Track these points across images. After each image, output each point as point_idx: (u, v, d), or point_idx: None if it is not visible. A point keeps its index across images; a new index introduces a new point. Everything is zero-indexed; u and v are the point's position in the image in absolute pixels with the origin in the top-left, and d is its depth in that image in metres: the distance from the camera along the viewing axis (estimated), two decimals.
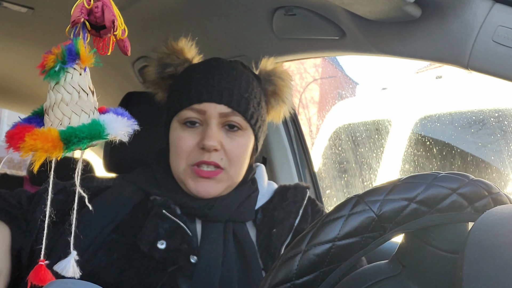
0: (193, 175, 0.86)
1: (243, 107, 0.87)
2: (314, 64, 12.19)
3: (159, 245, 0.80)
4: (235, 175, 0.88)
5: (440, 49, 0.82)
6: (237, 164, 0.87)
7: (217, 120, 0.86)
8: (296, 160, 1.50)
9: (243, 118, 0.87)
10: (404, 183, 0.48)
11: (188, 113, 0.86)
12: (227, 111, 0.86)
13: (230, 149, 0.86)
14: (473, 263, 0.38)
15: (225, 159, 0.86)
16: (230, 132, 0.87)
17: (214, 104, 0.85)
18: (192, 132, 0.86)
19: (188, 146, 0.86)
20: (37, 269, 0.55)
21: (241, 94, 0.87)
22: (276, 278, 0.47)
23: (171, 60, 0.94)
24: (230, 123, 0.87)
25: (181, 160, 0.86)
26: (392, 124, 2.38)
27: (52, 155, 0.50)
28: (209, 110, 0.85)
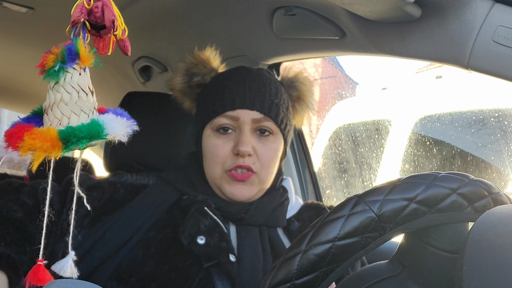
0: (228, 179, 0.89)
1: (274, 112, 0.90)
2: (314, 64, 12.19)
3: (199, 240, 0.82)
4: (266, 179, 0.91)
5: (440, 49, 0.82)
6: (268, 168, 0.91)
7: (250, 126, 0.89)
8: (296, 160, 1.50)
9: (274, 123, 0.91)
10: (404, 183, 0.48)
11: (221, 120, 0.89)
12: (259, 116, 0.89)
13: (262, 153, 0.89)
14: (473, 263, 0.38)
15: (257, 163, 0.89)
16: (262, 137, 0.90)
17: (247, 110, 0.89)
18: (226, 139, 0.90)
19: (223, 153, 0.89)
20: (35, 269, 0.55)
21: (272, 100, 0.91)
22: (276, 278, 0.47)
23: (198, 69, 0.98)
24: (262, 128, 0.90)
25: (217, 166, 0.90)
26: (392, 124, 2.38)
27: (51, 154, 0.50)
28: (242, 117, 0.89)
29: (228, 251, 0.83)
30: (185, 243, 0.82)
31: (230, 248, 0.84)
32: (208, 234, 0.83)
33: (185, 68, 0.98)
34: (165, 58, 1.58)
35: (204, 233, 0.83)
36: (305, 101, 1.01)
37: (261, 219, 0.91)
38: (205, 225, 0.84)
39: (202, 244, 0.82)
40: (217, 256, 0.82)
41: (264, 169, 0.90)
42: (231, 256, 0.83)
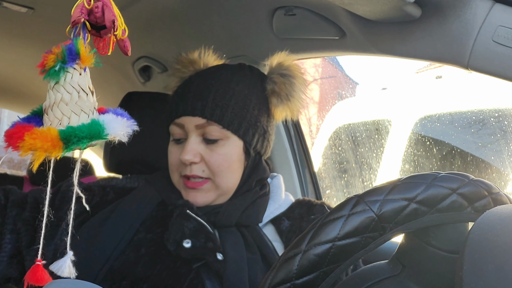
0: (184, 186, 0.90)
1: (217, 116, 0.86)
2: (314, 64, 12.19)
3: (185, 244, 0.82)
4: (223, 184, 0.89)
5: (440, 49, 0.82)
6: (221, 174, 0.88)
7: (196, 133, 0.87)
8: (296, 160, 1.50)
9: (220, 127, 0.87)
10: (404, 183, 0.48)
11: (172, 129, 0.91)
12: (202, 122, 0.87)
13: (209, 160, 0.87)
14: (473, 263, 0.38)
15: (207, 170, 0.88)
16: (210, 143, 0.88)
17: (189, 117, 0.87)
18: (179, 147, 0.90)
19: (176, 160, 0.90)
20: (34, 269, 0.55)
21: (216, 103, 0.87)
22: (276, 278, 0.47)
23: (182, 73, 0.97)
24: (206, 135, 0.87)
25: (173, 173, 0.91)
26: (392, 124, 2.38)
27: (52, 154, 0.50)
28: (186, 124, 0.88)
29: (215, 250, 0.82)
30: (171, 249, 0.82)
31: (217, 247, 0.83)
32: (194, 237, 0.82)
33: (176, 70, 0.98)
34: (165, 58, 1.58)
35: (189, 236, 0.82)
36: (281, 94, 0.92)
37: (232, 220, 0.89)
38: (189, 228, 0.83)
39: (189, 247, 0.81)
40: (204, 256, 0.81)
41: (217, 175, 0.88)
42: (219, 255, 0.83)
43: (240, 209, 0.91)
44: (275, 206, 0.97)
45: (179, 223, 0.84)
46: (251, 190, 0.94)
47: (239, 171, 0.91)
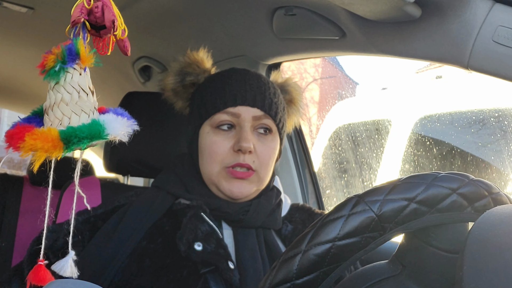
0: (227, 176, 0.88)
1: (273, 110, 0.91)
2: (314, 64, 12.17)
3: (196, 247, 0.82)
4: (264, 178, 0.91)
5: (440, 49, 0.82)
6: (267, 167, 0.91)
7: (250, 123, 0.89)
8: (296, 160, 1.50)
9: (273, 122, 0.91)
10: (404, 183, 0.48)
11: (222, 117, 0.89)
12: (260, 114, 0.89)
13: (261, 151, 0.89)
14: (473, 263, 0.38)
15: (257, 162, 0.89)
16: (261, 136, 0.91)
17: (248, 107, 0.89)
18: (226, 136, 0.89)
19: (223, 150, 0.88)
20: (36, 269, 0.55)
21: (271, 99, 0.91)
22: (276, 278, 0.47)
23: (191, 69, 0.98)
24: (261, 126, 0.90)
25: (215, 163, 0.89)
26: (392, 124, 2.38)
27: (52, 155, 0.50)
28: (243, 113, 0.89)
29: (227, 258, 0.82)
30: (182, 249, 0.81)
31: (228, 255, 0.83)
32: (205, 241, 0.82)
33: (178, 68, 0.98)
34: (165, 58, 1.58)
35: (201, 239, 0.82)
36: (296, 105, 1.02)
37: (260, 221, 0.90)
38: (202, 231, 0.83)
39: (200, 250, 0.81)
40: (216, 262, 0.81)
41: (263, 167, 0.90)
42: (230, 263, 0.82)
43: (267, 209, 0.92)
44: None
45: (193, 224, 0.84)
46: (272, 190, 0.96)
47: (272, 169, 0.94)
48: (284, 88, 1.01)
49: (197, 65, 0.98)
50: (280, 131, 0.93)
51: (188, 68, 0.98)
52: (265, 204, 0.92)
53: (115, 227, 0.87)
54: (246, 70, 0.95)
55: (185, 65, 0.98)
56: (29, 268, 0.81)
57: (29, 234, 1.71)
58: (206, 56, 1.00)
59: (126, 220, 0.87)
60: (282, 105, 0.94)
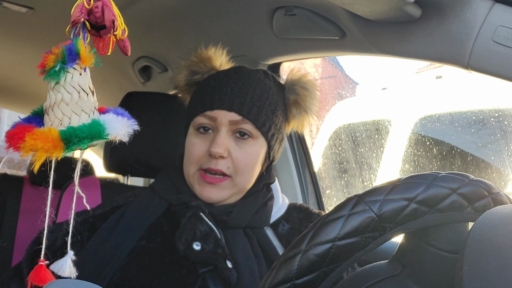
0: (199, 180, 0.88)
1: (253, 115, 0.88)
2: (314, 64, 12.17)
3: (195, 246, 0.82)
4: (241, 183, 0.89)
5: (440, 49, 0.81)
6: (244, 173, 0.89)
7: (227, 128, 0.88)
8: (296, 160, 1.50)
9: (254, 126, 0.88)
10: (404, 183, 0.48)
11: (201, 120, 0.89)
12: (237, 118, 0.87)
13: (237, 157, 0.88)
14: (473, 263, 0.38)
15: (231, 167, 0.87)
16: (240, 140, 0.89)
17: (224, 111, 0.87)
18: (204, 139, 0.89)
19: (198, 152, 0.88)
20: (37, 270, 0.55)
21: (253, 102, 0.89)
22: (276, 278, 0.47)
23: (198, 67, 0.97)
24: (240, 130, 0.88)
25: (191, 165, 0.89)
26: (392, 124, 2.38)
27: (53, 155, 0.50)
28: (220, 117, 0.87)
29: (224, 257, 0.82)
30: (181, 249, 0.81)
31: (226, 254, 0.83)
32: (204, 241, 0.82)
33: (187, 65, 0.98)
34: (165, 58, 1.58)
35: (199, 239, 0.82)
36: (302, 106, 0.97)
37: (244, 221, 0.90)
38: (200, 231, 0.83)
39: (198, 250, 0.81)
40: (215, 262, 0.81)
41: (239, 173, 0.88)
42: (228, 262, 0.82)
43: (252, 210, 0.91)
44: (276, 209, 0.97)
45: (192, 223, 0.84)
46: (260, 191, 0.94)
47: (257, 173, 0.92)
48: (293, 87, 0.97)
49: (205, 63, 0.97)
50: (265, 135, 0.90)
51: (195, 67, 0.97)
52: (249, 205, 0.91)
53: (113, 227, 0.87)
54: (238, 71, 0.94)
55: (192, 64, 0.98)
56: (28, 269, 0.81)
57: (29, 234, 1.71)
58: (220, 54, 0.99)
59: (124, 220, 0.87)
60: (270, 108, 0.91)
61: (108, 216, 0.90)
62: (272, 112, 0.91)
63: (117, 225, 0.87)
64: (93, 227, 0.88)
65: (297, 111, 0.98)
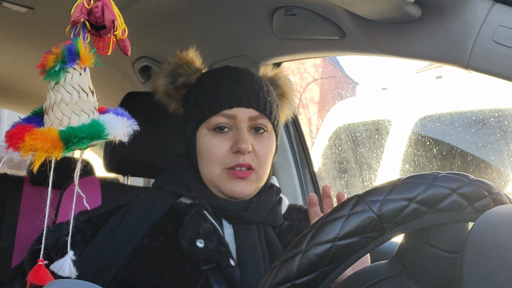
0: (228, 177, 0.89)
1: (268, 110, 0.92)
2: (314, 64, 12.18)
3: (198, 244, 0.83)
4: (263, 176, 0.92)
5: (440, 49, 0.82)
6: (265, 165, 0.92)
7: (247, 124, 0.90)
8: (296, 160, 1.50)
9: (269, 121, 0.92)
10: (404, 183, 0.48)
11: (218, 119, 0.90)
12: (255, 114, 0.90)
13: (259, 150, 0.90)
14: (473, 263, 0.38)
15: (255, 160, 0.90)
16: (258, 135, 0.91)
17: (243, 108, 0.89)
18: (224, 138, 0.90)
19: (221, 152, 0.89)
20: (36, 269, 0.55)
21: (265, 98, 0.92)
22: (276, 278, 0.47)
23: (183, 70, 0.97)
24: (257, 125, 0.91)
25: (215, 165, 0.89)
26: (392, 124, 2.38)
27: (52, 155, 0.50)
28: (239, 115, 0.89)
29: (228, 255, 0.83)
30: (184, 246, 0.82)
31: (229, 252, 0.84)
32: (207, 238, 0.83)
33: (169, 69, 0.98)
34: (165, 58, 1.58)
35: (202, 236, 0.83)
36: (287, 99, 1.03)
37: (260, 217, 0.91)
38: (204, 229, 0.84)
39: (201, 247, 0.82)
40: (218, 259, 0.82)
41: (261, 166, 0.91)
42: (231, 261, 0.83)
43: (268, 206, 0.93)
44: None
45: (196, 221, 0.85)
46: (272, 188, 0.97)
47: (270, 166, 0.95)
48: (275, 82, 1.02)
49: (188, 65, 0.98)
50: (275, 129, 0.95)
51: (179, 69, 0.97)
52: (265, 201, 0.93)
53: (117, 226, 0.87)
54: (238, 69, 0.95)
55: (176, 66, 0.97)
56: (31, 268, 0.81)
57: (29, 234, 1.71)
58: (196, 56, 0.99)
59: (127, 219, 0.88)
60: (275, 102, 0.95)
61: (111, 216, 0.90)
62: (276, 106, 0.96)
63: (120, 224, 0.88)
64: (97, 226, 0.89)
65: (283, 104, 1.03)
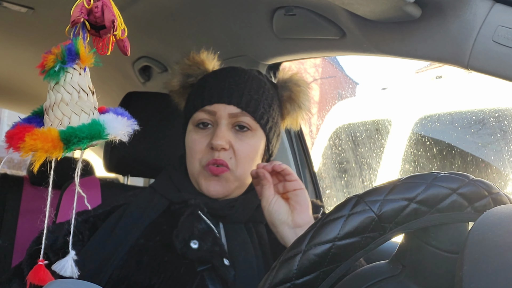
0: (206, 174, 0.89)
1: (252, 107, 0.90)
2: (314, 64, 12.17)
3: (192, 245, 0.82)
4: (242, 176, 0.91)
5: (440, 49, 0.82)
6: (245, 164, 0.90)
7: (227, 121, 0.89)
8: (296, 160, 1.50)
9: (252, 118, 0.91)
10: (404, 183, 0.48)
11: (200, 115, 0.91)
12: (236, 111, 0.89)
13: (238, 149, 0.89)
14: (473, 263, 0.38)
15: (233, 159, 0.89)
16: (240, 133, 0.91)
17: (224, 105, 0.89)
18: (204, 134, 0.90)
19: (200, 147, 0.90)
20: (36, 269, 0.55)
21: (251, 96, 0.91)
22: (276, 278, 0.47)
23: (192, 70, 0.99)
24: (239, 123, 0.90)
25: (195, 161, 0.90)
26: (392, 124, 2.38)
27: (52, 155, 0.50)
28: (219, 111, 0.89)
29: (222, 255, 0.83)
30: (178, 247, 0.82)
31: (223, 252, 0.84)
32: (201, 239, 0.83)
33: (180, 69, 1.00)
34: (165, 58, 1.58)
35: (197, 237, 0.83)
36: (296, 102, 1.01)
37: (246, 216, 0.91)
38: (198, 229, 0.84)
39: (195, 248, 0.82)
40: (211, 260, 0.82)
41: (240, 165, 0.90)
42: (225, 260, 0.83)
43: (254, 204, 0.92)
44: None
45: (190, 222, 0.85)
46: None
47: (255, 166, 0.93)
48: (285, 84, 1.01)
49: (198, 66, 0.99)
50: (263, 128, 0.93)
51: (189, 70, 0.99)
52: (251, 200, 0.92)
53: (114, 226, 0.88)
54: (233, 68, 0.96)
55: (186, 67, 1.00)
56: (29, 268, 0.81)
57: (29, 234, 1.71)
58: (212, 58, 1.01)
59: (124, 219, 0.88)
60: (267, 101, 0.94)
61: (109, 216, 0.90)
62: (269, 105, 0.94)
63: (117, 224, 0.88)
64: (94, 226, 0.89)
65: (291, 107, 1.00)
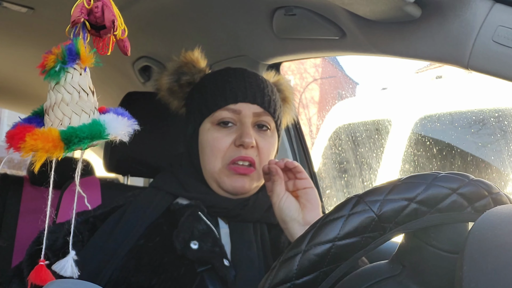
0: (229, 173, 0.89)
1: (272, 108, 0.93)
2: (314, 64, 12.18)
3: (192, 245, 0.83)
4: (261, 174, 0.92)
5: (440, 49, 0.82)
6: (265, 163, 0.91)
7: (251, 120, 0.91)
8: (296, 160, 1.50)
9: (272, 118, 0.93)
10: (404, 183, 0.48)
11: (223, 114, 0.90)
12: (260, 111, 0.91)
13: (262, 147, 0.91)
14: (473, 263, 0.38)
15: (258, 157, 0.91)
16: (261, 132, 0.92)
17: (248, 104, 0.90)
18: (227, 132, 0.90)
19: (224, 145, 0.90)
20: (37, 270, 0.56)
21: (270, 96, 0.93)
22: (276, 278, 0.47)
23: (187, 69, 0.99)
24: (260, 122, 0.92)
25: (217, 160, 0.90)
26: (392, 124, 2.38)
27: (53, 155, 0.50)
28: (244, 110, 0.90)
29: (222, 255, 0.83)
30: (178, 248, 0.82)
31: (223, 253, 0.84)
32: (201, 239, 0.83)
33: (174, 67, 0.99)
34: (165, 58, 1.58)
35: (197, 238, 0.83)
36: (289, 104, 1.04)
37: (257, 215, 0.91)
38: (198, 230, 0.85)
39: (195, 249, 0.82)
40: (211, 260, 0.82)
41: (262, 163, 0.91)
42: (225, 261, 0.83)
43: (265, 204, 0.93)
44: None
45: (190, 223, 0.85)
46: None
47: None
48: (278, 87, 1.03)
49: (193, 64, 0.99)
50: (278, 128, 0.96)
51: (184, 68, 0.99)
52: (263, 199, 0.93)
53: (113, 227, 0.88)
54: (243, 69, 0.97)
55: (181, 65, 0.99)
56: (29, 269, 0.81)
57: (29, 234, 1.71)
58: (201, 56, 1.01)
59: (124, 219, 0.88)
60: (279, 102, 0.97)
61: (108, 216, 0.90)
62: (280, 106, 0.97)
63: (117, 224, 0.88)
64: (94, 227, 0.89)
65: (285, 108, 1.04)
